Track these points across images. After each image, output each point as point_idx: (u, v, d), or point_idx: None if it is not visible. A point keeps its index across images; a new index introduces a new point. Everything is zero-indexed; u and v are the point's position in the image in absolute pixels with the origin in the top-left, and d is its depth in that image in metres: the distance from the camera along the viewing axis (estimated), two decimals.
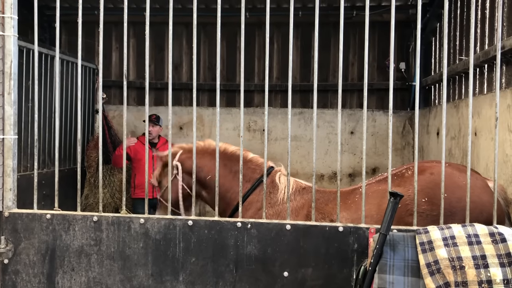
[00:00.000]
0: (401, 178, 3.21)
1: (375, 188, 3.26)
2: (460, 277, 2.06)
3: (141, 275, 2.69)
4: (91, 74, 7.17)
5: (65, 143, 6.45)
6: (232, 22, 6.22)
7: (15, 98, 2.80)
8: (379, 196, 3.15)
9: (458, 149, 5.34)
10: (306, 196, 3.48)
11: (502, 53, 4.33)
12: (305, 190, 3.59)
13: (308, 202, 3.42)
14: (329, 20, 7.02)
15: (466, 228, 2.22)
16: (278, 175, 3.71)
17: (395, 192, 2.24)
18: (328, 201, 3.38)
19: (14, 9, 2.77)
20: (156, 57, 8.14)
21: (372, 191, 3.22)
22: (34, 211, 2.79)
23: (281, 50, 7.98)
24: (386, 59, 7.70)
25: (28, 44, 5.31)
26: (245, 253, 2.63)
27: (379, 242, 2.20)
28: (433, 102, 7.23)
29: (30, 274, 2.76)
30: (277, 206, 3.52)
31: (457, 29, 6.16)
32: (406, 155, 7.57)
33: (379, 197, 3.14)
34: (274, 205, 3.53)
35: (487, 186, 3.11)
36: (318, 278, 2.57)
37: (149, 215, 2.74)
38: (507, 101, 3.96)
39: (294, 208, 3.42)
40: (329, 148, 7.59)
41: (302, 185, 3.64)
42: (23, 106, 5.25)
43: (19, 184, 2.97)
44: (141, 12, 7.04)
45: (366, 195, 2.92)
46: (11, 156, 2.77)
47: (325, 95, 7.96)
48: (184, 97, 8.21)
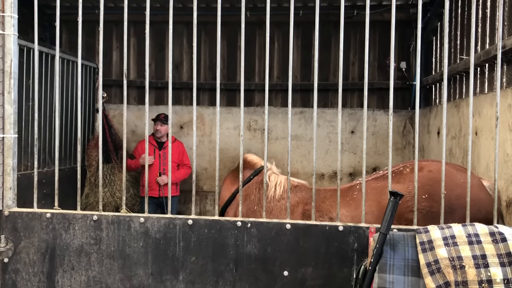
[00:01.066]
0: (400, 176, 3.22)
1: (374, 185, 3.27)
2: (460, 277, 2.05)
3: (141, 274, 2.69)
4: (91, 73, 7.17)
5: (66, 142, 6.45)
6: (233, 21, 6.22)
7: (15, 97, 2.80)
8: (378, 192, 3.16)
9: (459, 148, 5.34)
10: (300, 194, 3.53)
11: (503, 53, 4.32)
12: (298, 188, 3.65)
13: (302, 200, 3.46)
14: (330, 19, 7.01)
15: (466, 227, 2.22)
16: (268, 173, 3.81)
17: (396, 191, 2.23)
18: (324, 199, 3.40)
19: (14, 8, 2.77)
20: (156, 56, 8.14)
21: (371, 188, 3.23)
22: (34, 210, 2.79)
23: (282, 49, 7.97)
24: (386, 58, 7.70)
25: (28, 43, 5.31)
26: (245, 252, 2.63)
27: (379, 241, 2.20)
28: (434, 101, 7.22)
29: (30, 273, 2.76)
30: (269, 203, 3.60)
31: (457, 29, 6.15)
32: (407, 155, 7.56)
33: (378, 193, 3.16)
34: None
35: (482, 184, 3.14)
36: (318, 277, 2.57)
37: (149, 214, 2.73)
38: (508, 100, 3.96)
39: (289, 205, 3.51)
40: (330, 148, 7.58)
41: (294, 183, 3.71)
42: (24, 105, 5.25)
43: (20, 183, 2.97)
44: (141, 11, 7.03)
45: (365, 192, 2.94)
46: (11, 155, 2.77)
47: (325, 95, 7.95)
48: (185, 96, 8.21)
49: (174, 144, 6.50)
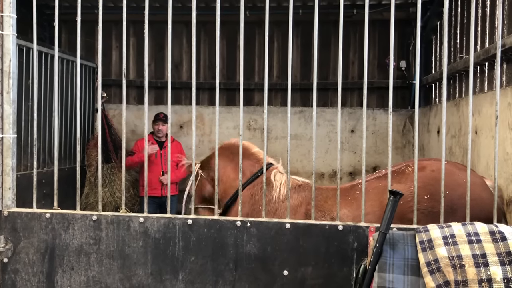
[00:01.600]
0: (402, 175, 3.20)
1: (375, 184, 3.24)
2: (460, 276, 2.05)
3: (141, 274, 2.69)
4: (91, 73, 7.16)
5: (65, 142, 6.45)
6: (232, 20, 6.21)
7: (14, 97, 2.79)
8: (380, 192, 3.13)
9: (459, 147, 5.34)
10: (303, 194, 3.47)
11: (503, 51, 4.32)
12: (301, 187, 3.58)
13: (306, 200, 3.40)
14: (329, 18, 7.00)
15: (466, 226, 2.21)
16: (273, 172, 3.72)
17: (395, 190, 2.23)
18: (327, 198, 3.37)
19: (13, 8, 2.76)
20: (156, 56, 8.13)
21: (373, 188, 3.21)
22: (33, 210, 2.79)
23: (281, 48, 7.97)
24: (386, 57, 7.68)
25: (27, 43, 5.30)
26: (245, 252, 2.62)
27: (379, 240, 2.19)
28: (434, 100, 7.21)
29: (29, 273, 2.75)
30: (273, 204, 3.51)
31: (457, 27, 6.14)
32: (407, 154, 7.56)
33: (380, 193, 3.13)
34: (269, 203, 3.53)
35: (485, 184, 3.11)
36: (318, 277, 2.57)
37: (148, 214, 2.73)
38: (508, 99, 3.95)
39: (292, 206, 3.41)
40: (330, 147, 7.58)
41: (298, 182, 3.64)
42: (23, 105, 5.25)
43: (20, 183, 2.97)
44: (141, 11, 6.96)
45: (367, 192, 2.91)
46: (10, 155, 2.77)
47: (325, 94, 7.95)
48: (184, 96, 8.21)
49: (173, 144, 6.49)
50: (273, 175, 3.69)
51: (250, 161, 3.86)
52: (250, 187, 3.75)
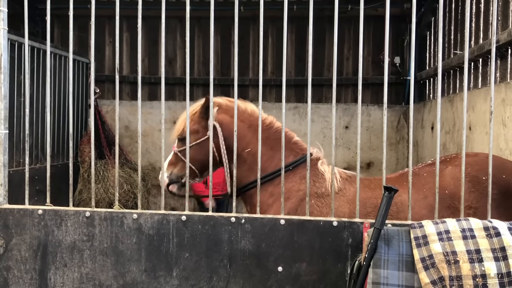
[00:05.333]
0: (456, 159, 3.11)
1: (428, 169, 3.12)
2: (454, 272, 2.06)
3: (135, 270, 2.68)
4: (84, 69, 7.11)
5: (58, 138, 6.41)
6: (227, 16, 6.19)
7: (5, 93, 2.77)
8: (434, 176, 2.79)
9: (453, 143, 5.35)
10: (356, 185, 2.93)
11: (497, 47, 4.33)
12: (351, 178, 3.22)
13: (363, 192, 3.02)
14: (324, 14, 6.99)
15: (460, 222, 2.22)
16: (320, 163, 3.29)
17: (390, 186, 2.23)
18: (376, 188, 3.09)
19: (3, 2, 2.73)
20: (149, 51, 8.09)
21: (426, 172, 3.11)
22: (25, 206, 2.77)
23: (276, 44, 7.94)
24: (381, 53, 7.69)
25: (20, 38, 5.26)
26: (239, 248, 2.62)
27: (374, 236, 2.19)
28: (428, 96, 7.23)
29: (22, 270, 2.73)
30: (326, 198, 3.10)
31: (452, 23, 6.15)
32: (401, 150, 7.58)
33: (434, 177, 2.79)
34: (322, 196, 3.13)
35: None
36: (312, 272, 2.57)
37: (142, 211, 2.71)
38: (502, 95, 3.96)
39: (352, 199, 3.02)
40: (324, 143, 7.52)
41: (348, 174, 3.26)
42: (15, 100, 5.21)
43: (12, 180, 2.95)
44: (134, 6, 6.91)
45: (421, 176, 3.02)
46: (1, 151, 2.74)
47: (319, 90, 7.94)
48: (179, 92, 8.17)
49: None
50: (321, 165, 3.29)
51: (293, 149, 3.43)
52: (296, 181, 3.19)
